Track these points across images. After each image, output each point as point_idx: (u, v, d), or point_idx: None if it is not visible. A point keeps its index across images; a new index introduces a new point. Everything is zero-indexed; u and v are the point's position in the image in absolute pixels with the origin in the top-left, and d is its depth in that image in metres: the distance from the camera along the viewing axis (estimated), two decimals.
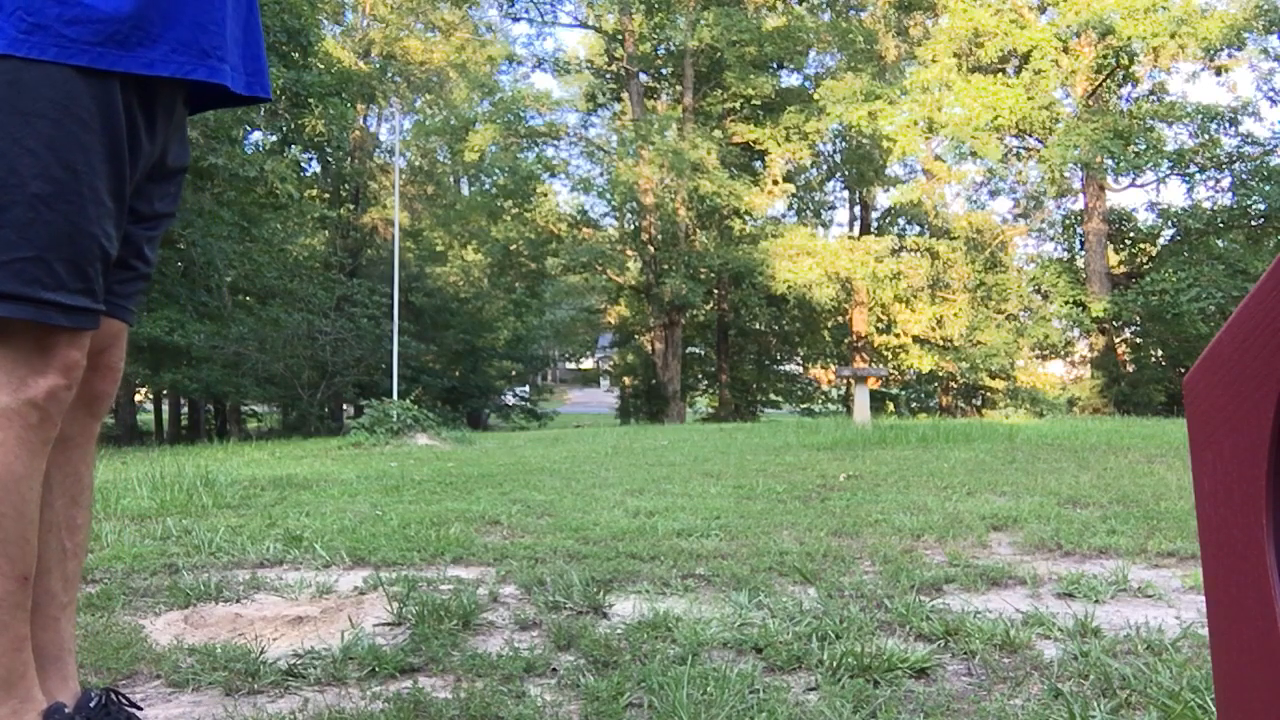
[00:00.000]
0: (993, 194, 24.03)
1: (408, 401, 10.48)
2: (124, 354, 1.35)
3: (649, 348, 25.97)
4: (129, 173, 1.19)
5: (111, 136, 1.15)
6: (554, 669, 1.71)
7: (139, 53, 1.16)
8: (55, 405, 1.17)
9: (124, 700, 1.32)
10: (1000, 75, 21.31)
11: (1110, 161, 20.21)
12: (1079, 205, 22.40)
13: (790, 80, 26.40)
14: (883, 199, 27.25)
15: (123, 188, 1.19)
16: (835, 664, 1.66)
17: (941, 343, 22.59)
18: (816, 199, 28.27)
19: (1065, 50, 20.47)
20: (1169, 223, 22.06)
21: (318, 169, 23.33)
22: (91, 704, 1.26)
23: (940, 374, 23.25)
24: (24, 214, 1.10)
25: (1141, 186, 22.14)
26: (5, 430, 1.13)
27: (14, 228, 1.10)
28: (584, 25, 26.99)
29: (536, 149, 25.23)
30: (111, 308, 1.27)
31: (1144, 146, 20.08)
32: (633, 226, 25.65)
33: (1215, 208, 21.24)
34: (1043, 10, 21.19)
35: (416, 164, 26.12)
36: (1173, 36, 19.15)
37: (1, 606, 1.14)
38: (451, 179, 28.43)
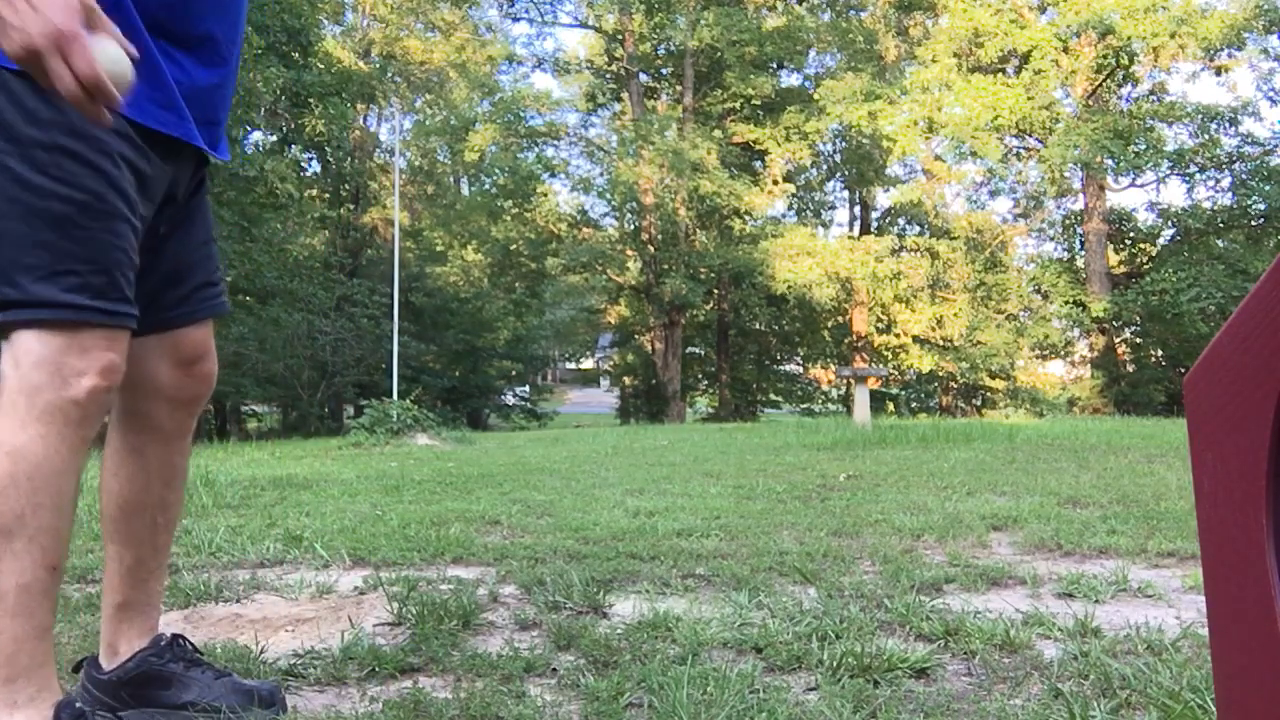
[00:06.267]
0: (993, 194, 24.01)
1: (408, 401, 10.47)
2: (215, 362, 1.52)
3: (649, 348, 25.96)
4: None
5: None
6: (554, 669, 1.71)
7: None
8: (95, 406, 1.25)
9: (189, 644, 1.54)
10: (1000, 75, 21.30)
11: (1110, 161, 20.20)
12: (1079, 205, 22.39)
13: (790, 80, 26.41)
14: (883, 199, 27.25)
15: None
16: (835, 664, 1.66)
17: (941, 343, 22.58)
18: (816, 199, 28.26)
19: (1065, 50, 20.46)
20: (1169, 223, 22.05)
21: (318, 169, 23.29)
22: (163, 643, 1.50)
23: (940, 374, 23.24)
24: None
25: (1141, 186, 22.15)
26: (47, 425, 1.21)
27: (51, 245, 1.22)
28: (584, 25, 27.00)
29: (536, 149, 25.23)
30: (196, 317, 1.46)
31: (1144, 146, 20.07)
32: (633, 226, 25.64)
33: (1215, 208, 21.23)
34: (1043, 10, 21.18)
35: (416, 164, 26.10)
36: (1173, 36, 19.14)
37: (30, 594, 1.20)
38: (451, 179, 28.42)
